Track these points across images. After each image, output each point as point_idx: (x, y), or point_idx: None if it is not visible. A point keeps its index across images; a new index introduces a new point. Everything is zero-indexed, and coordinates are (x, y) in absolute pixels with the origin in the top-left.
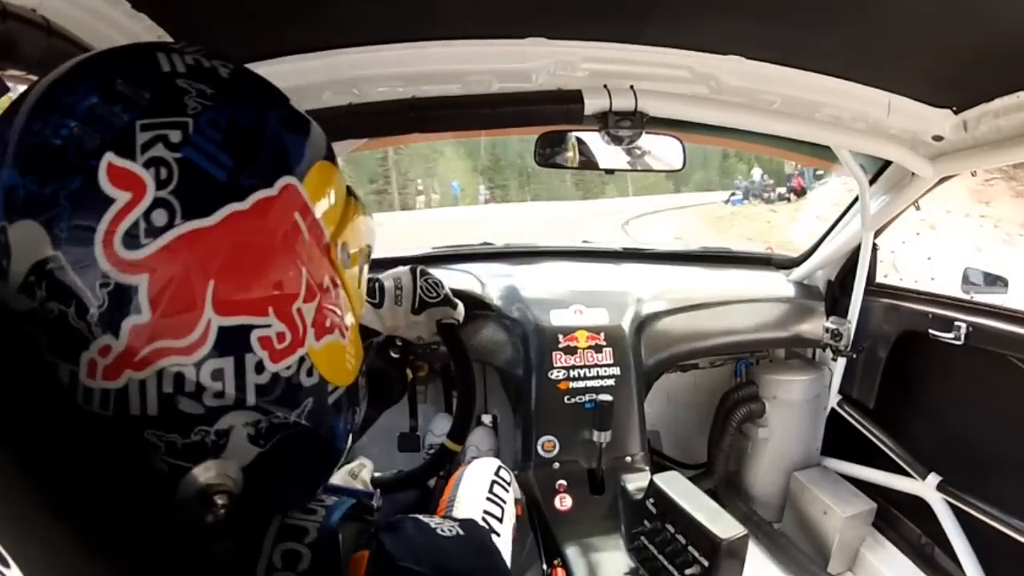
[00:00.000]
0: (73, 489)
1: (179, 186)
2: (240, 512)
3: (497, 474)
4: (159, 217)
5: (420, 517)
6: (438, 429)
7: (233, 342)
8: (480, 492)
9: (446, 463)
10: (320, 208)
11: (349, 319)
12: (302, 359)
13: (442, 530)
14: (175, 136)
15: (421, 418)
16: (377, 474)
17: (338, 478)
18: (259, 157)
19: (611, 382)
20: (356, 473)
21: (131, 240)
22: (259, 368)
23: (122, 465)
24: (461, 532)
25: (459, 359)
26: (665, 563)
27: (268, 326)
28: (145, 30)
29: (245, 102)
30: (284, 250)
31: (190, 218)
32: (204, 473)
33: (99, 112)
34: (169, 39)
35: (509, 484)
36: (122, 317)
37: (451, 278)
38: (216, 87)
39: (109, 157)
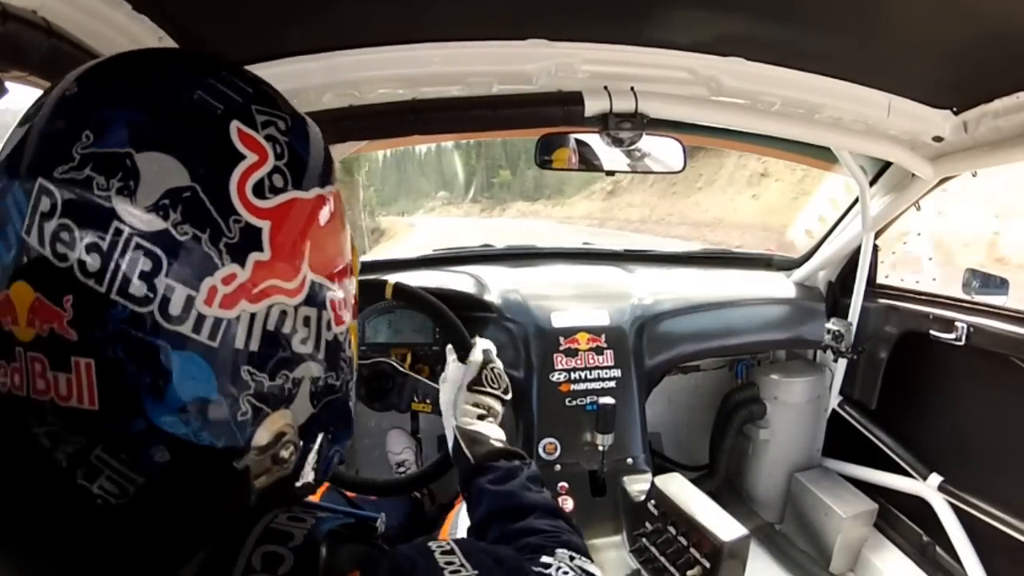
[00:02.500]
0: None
1: (288, 162)
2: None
3: None
4: (278, 180)
5: (437, 558)
6: (396, 446)
7: (317, 296)
8: None
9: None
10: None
11: None
12: (347, 329)
13: None
14: (281, 125)
15: (422, 420)
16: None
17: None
18: (326, 158)
19: (612, 384)
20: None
21: (259, 191)
22: (328, 326)
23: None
24: None
25: (423, 304)
26: (667, 564)
27: (335, 291)
28: (146, 32)
29: (304, 117)
30: (343, 234)
31: (296, 188)
32: (279, 419)
33: (218, 89)
34: (171, 41)
35: None
36: (249, 250)
37: (451, 280)
38: (285, 100)
39: (236, 123)
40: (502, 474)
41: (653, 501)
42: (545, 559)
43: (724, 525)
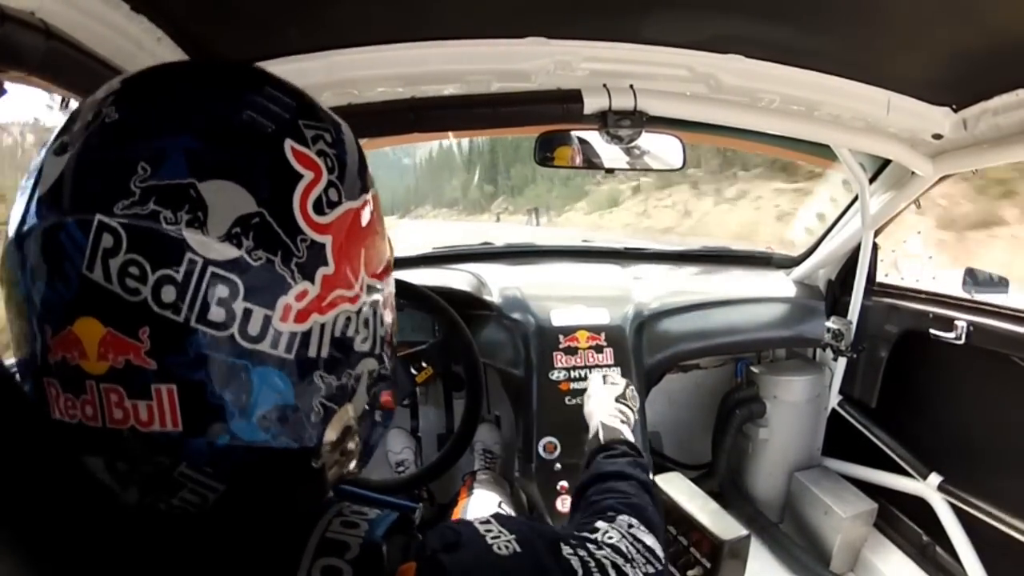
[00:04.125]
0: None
1: (339, 174)
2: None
3: (500, 507)
4: (333, 194)
5: (477, 526)
6: (396, 446)
7: (372, 297)
8: None
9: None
10: None
11: None
12: (393, 321)
13: (498, 547)
14: (328, 137)
15: (422, 419)
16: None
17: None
18: (363, 162)
19: None
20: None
21: (318, 208)
22: (382, 322)
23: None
24: (518, 549)
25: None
26: (667, 564)
27: (384, 289)
28: (144, 32)
29: (341, 122)
30: (385, 233)
31: (348, 200)
32: (344, 414)
33: (264, 106)
34: (169, 41)
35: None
36: (317, 267)
37: (451, 278)
38: (322, 108)
39: (290, 143)
40: (617, 453)
41: None
42: (598, 523)
43: (724, 525)
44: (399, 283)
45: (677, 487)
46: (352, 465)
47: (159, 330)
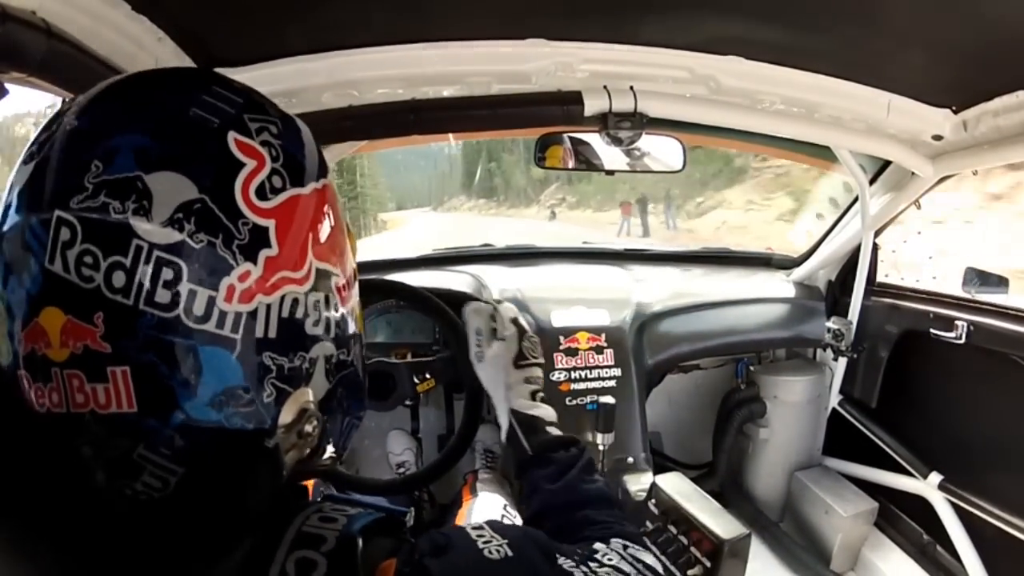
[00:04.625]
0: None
1: (284, 163)
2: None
3: (505, 510)
4: (277, 181)
5: (468, 531)
6: (396, 447)
7: (324, 281)
8: None
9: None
10: None
11: None
12: (352, 309)
13: (490, 551)
14: (273, 129)
15: (422, 421)
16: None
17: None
18: (317, 153)
19: (612, 383)
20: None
21: (261, 193)
22: (336, 307)
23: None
24: (510, 553)
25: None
26: (667, 564)
27: (339, 275)
28: (145, 32)
29: (292, 117)
30: (340, 221)
31: (294, 186)
32: (301, 397)
33: (210, 104)
34: (170, 41)
35: (515, 520)
36: (259, 249)
37: (451, 280)
38: (273, 104)
39: (233, 134)
40: (560, 467)
41: (653, 500)
42: (597, 545)
43: (725, 524)
44: (400, 284)
45: (677, 487)
46: (326, 452)
47: (111, 314)
